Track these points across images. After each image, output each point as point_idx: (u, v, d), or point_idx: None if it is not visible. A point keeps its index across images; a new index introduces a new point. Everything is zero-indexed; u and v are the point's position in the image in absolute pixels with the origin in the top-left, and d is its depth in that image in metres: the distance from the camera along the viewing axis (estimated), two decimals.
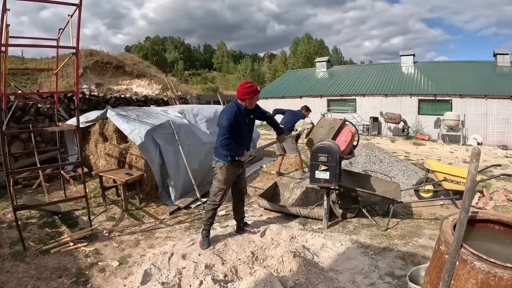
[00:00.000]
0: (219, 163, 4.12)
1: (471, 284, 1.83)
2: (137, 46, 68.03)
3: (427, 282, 2.20)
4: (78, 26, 4.29)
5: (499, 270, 1.75)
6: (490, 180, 6.59)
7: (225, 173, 4.12)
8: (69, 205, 5.70)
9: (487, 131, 16.20)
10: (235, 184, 4.44)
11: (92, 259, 3.87)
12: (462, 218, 1.88)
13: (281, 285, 2.82)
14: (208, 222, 4.23)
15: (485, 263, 1.79)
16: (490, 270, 1.76)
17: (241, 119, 4.05)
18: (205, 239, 4.16)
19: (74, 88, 4.64)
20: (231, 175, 4.18)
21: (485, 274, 1.78)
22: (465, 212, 1.88)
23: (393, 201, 4.83)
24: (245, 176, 4.74)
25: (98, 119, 6.64)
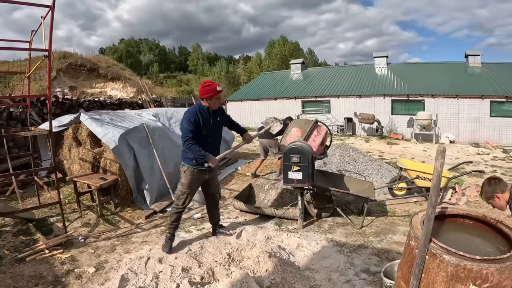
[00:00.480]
0: (184, 166, 4.09)
1: (441, 277, 1.90)
2: (112, 48, 66.87)
3: (399, 277, 2.27)
4: (50, 28, 4.20)
5: (468, 263, 1.82)
6: (462, 177, 6.84)
7: (189, 177, 4.07)
8: (44, 211, 5.57)
9: (459, 130, 16.79)
10: (206, 189, 4.43)
11: (68, 266, 3.80)
12: (429, 214, 1.96)
13: (257, 285, 2.85)
14: (172, 225, 4.20)
15: (454, 256, 1.86)
16: (459, 262, 1.83)
17: (205, 120, 3.98)
18: (168, 242, 4.13)
19: (47, 91, 4.54)
20: (195, 180, 4.12)
21: (454, 267, 1.85)
22: (432, 207, 1.96)
23: (366, 199, 4.95)
24: (217, 181, 4.67)
25: (72, 123, 6.52)
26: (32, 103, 9.21)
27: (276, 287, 3.01)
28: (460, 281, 1.85)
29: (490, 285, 1.82)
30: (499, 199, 2.82)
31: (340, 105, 19.78)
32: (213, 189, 4.48)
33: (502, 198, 2.80)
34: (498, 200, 2.83)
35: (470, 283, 1.83)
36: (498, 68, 19.35)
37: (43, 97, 8.63)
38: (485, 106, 16.35)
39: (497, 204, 2.87)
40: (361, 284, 3.36)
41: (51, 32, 4.23)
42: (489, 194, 2.88)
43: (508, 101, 16.02)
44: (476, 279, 1.82)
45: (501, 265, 1.80)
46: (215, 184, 4.53)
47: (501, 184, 2.84)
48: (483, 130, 16.42)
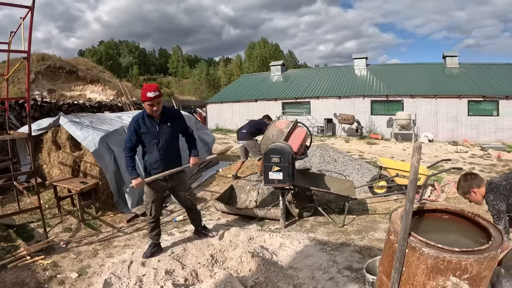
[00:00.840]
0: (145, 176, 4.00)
1: (421, 269, 1.97)
2: (91, 50, 65.91)
3: (381, 272, 2.34)
4: (30, 29, 4.14)
5: (447, 255, 1.89)
6: (441, 174, 7.02)
7: (147, 186, 3.95)
8: (24, 217, 5.47)
9: (438, 129, 17.19)
10: (175, 196, 4.37)
11: (51, 272, 3.75)
12: (407, 208, 2.03)
13: (241, 285, 2.89)
14: (150, 236, 4.13)
15: (433, 249, 1.93)
16: (438, 255, 1.90)
17: (149, 126, 3.80)
18: (148, 248, 4.07)
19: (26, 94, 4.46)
20: (153, 189, 3.97)
21: (434, 259, 1.92)
22: (410, 202, 2.04)
23: (347, 198, 5.04)
24: (185, 187, 4.35)
25: (51, 126, 6.42)
26: (10, 106, 9.00)
27: (260, 286, 3.04)
28: (440, 273, 1.92)
29: (470, 276, 1.89)
30: (475, 193, 2.91)
31: (320, 106, 19.95)
32: (183, 196, 4.30)
33: (479, 193, 2.89)
34: (474, 194, 2.92)
35: (450, 275, 1.90)
36: (475, 69, 19.93)
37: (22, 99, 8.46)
38: (462, 105, 16.81)
39: (473, 199, 2.97)
40: (344, 281, 3.43)
41: (30, 33, 4.17)
42: (465, 189, 2.97)
43: (485, 100, 16.52)
44: (456, 270, 1.89)
45: (479, 256, 1.88)
46: (183, 191, 4.29)
47: (477, 179, 2.93)
48: (461, 129, 16.87)
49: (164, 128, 3.87)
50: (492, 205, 2.76)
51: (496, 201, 2.74)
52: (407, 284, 2.06)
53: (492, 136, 16.39)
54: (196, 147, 4.27)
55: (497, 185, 2.84)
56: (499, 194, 2.77)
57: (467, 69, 20.03)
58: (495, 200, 2.75)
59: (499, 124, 16.35)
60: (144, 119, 3.81)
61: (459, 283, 1.90)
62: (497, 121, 16.40)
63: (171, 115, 3.98)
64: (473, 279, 1.91)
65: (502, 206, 2.71)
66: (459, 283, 1.90)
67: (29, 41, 4.20)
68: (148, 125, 3.81)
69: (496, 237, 2.08)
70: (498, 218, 2.69)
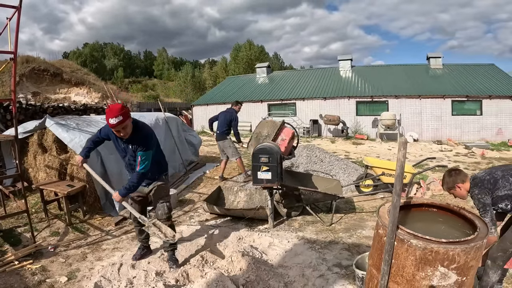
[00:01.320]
0: None
1: (410, 261, 2.04)
2: (75, 52, 65.08)
3: (370, 265, 2.42)
4: (16, 30, 4.10)
5: (434, 246, 1.96)
6: (427, 172, 7.17)
7: None
8: (10, 222, 5.38)
9: (422, 128, 17.55)
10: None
11: (40, 276, 3.71)
12: (395, 202, 2.10)
13: (232, 284, 2.92)
14: (139, 239, 4.09)
15: (421, 240, 2.01)
16: (426, 246, 1.98)
17: (117, 141, 3.64)
18: (138, 250, 4.06)
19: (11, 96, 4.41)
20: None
21: (422, 250, 1.99)
22: (397, 196, 2.10)
23: (334, 196, 5.12)
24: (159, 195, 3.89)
25: (37, 129, 6.34)
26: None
27: (251, 284, 3.08)
28: (428, 263, 1.99)
29: (457, 266, 1.97)
30: (460, 188, 2.99)
31: (306, 108, 20.13)
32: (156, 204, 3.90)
33: (463, 188, 2.97)
34: (459, 189, 3.00)
35: (438, 265, 1.97)
36: (458, 69, 20.41)
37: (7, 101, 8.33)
38: (446, 105, 17.21)
39: (458, 194, 3.04)
40: (334, 278, 3.50)
41: (17, 34, 4.14)
42: (450, 184, 3.04)
43: (468, 100, 16.95)
44: (444, 261, 1.96)
45: (466, 246, 1.95)
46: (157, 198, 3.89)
47: (461, 175, 3.01)
48: (445, 128, 17.26)
49: (128, 148, 3.63)
50: (478, 199, 2.83)
51: (481, 195, 2.81)
52: (397, 275, 2.12)
53: (476, 135, 16.79)
54: (126, 188, 3.56)
55: (481, 179, 2.92)
56: (484, 188, 2.84)
57: (450, 70, 20.47)
58: (480, 194, 2.82)
59: (482, 123, 16.78)
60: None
61: (447, 273, 1.97)
62: (480, 120, 16.83)
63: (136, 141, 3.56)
64: (461, 269, 1.98)
65: (487, 200, 2.79)
66: (447, 273, 1.97)
67: (15, 42, 4.16)
68: (117, 140, 3.62)
69: (482, 228, 2.17)
70: (484, 211, 2.76)
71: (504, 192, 2.78)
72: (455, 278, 1.99)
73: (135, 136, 3.54)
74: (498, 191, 2.80)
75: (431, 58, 21.80)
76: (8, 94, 14.15)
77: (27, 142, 6.64)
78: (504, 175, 2.85)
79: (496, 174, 2.88)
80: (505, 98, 16.45)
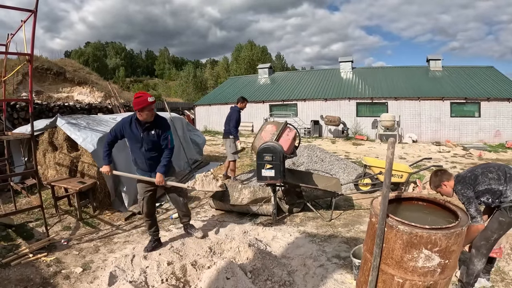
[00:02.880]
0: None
1: (398, 244, 2.36)
2: (78, 51, 65.22)
3: (365, 251, 2.73)
4: (33, 33, 4.31)
5: (419, 231, 2.28)
6: (423, 172, 7.41)
7: (138, 185, 4.28)
8: (21, 217, 5.58)
9: (421, 130, 17.78)
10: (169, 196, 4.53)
11: (55, 268, 3.89)
12: (385, 193, 2.40)
13: (241, 271, 3.14)
14: (149, 232, 4.34)
15: (407, 226, 2.33)
16: (411, 231, 2.30)
17: (133, 132, 3.94)
18: (149, 243, 4.28)
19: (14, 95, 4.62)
20: (140, 186, 4.24)
21: (408, 235, 2.30)
22: (386, 187, 2.41)
23: (334, 193, 5.37)
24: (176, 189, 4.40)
25: (47, 127, 6.57)
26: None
27: (257, 272, 3.32)
28: (414, 247, 2.31)
29: (439, 249, 2.27)
30: (446, 186, 3.26)
31: (307, 108, 20.38)
32: (172, 195, 4.42)
33: (449, 185, 3.24)
34: (445, 187, 3.27)
35: (423, 248, 2.29)
36: (457, 71, 20.60)
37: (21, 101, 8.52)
38: (445, 107, 17.44)
39: (444, 191, 3.31)
40: (333, 268, 3.76)
41: (33, 36, 4.35)
42: (436, 183, 3.32)
43: (467, 102, 17.17)
44: (427, 244, 2.27)
45: (446, 232, 2.27)
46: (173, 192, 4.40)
47: (446, 174, 3.29)
48: (444, 130, 17.48)
49: (149, 136, 3.98)
50: (461, 193, 3.11)
51: (464, 190, 3.10)
52: (387, 258, 2.44)
53: (474, 136, 17.01)
54: (164, 165, 4.09)
55: (463, 176, 3.21)
56: (466, 184, 3.12)
57: (450, 72, 20.67)
58: (463, 189, 3.11)
59: (480, 125, 16.99)
60: (131, 123, 3.99)
61: (431, 255, 2.28)
62: (478, 122, 17.03)
63: (158, 124, 4.04)
64: (443, 252, 2.29)
65: (470, 193, 3.06)
66: (431, 255, 2.28)
67: (32, 44, 4.38)
68: (135, 129, 3.97)
69: (463, 217, 2.50)
70: (468, 203, 3.02)
71: (484, 187, 3.08)
72: (438, 260, 2.29)
73: (158, 121, 4.04)
74: (479, 186, 3.09)
75: (431, 60, 21.99)
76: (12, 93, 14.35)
77: (37, 140, 6.85)
78: (483, 171, 3.15)
79: (476, 171, 3.18)
80: (503, 101, 16.66)
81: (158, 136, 4.01)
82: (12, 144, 7.52)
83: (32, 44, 4.38)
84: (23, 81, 15.92)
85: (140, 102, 3.76)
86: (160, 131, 4.01)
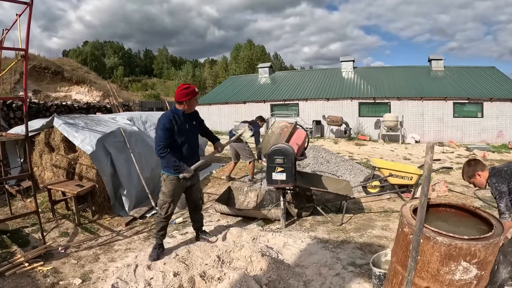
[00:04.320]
0: (164, 175, 4.00)
1: (436, 256, 2.15)
2: (76, 50, 64.86)
3: (394, 262, 2.50)
4: (28, 27, 4.05)
5: (458, 242, 2.08)
6: (432, 174, 7.18)
7: (169, 186, 3.97)
8: (17, 222, 5.30)
9: (424, 130, 17.61)
10: (189, 195, 4.33)
11: (52, 278, 3.64)
12: (422, 202, 2.20)
13: (256, 284, 2.90)
14: (157, 235, 4.12)
15: (446, 238, 2.12)
16: (451, 243, 2.09)
17: (180, 125, 3.89)
18: (154, 250, 4.04)
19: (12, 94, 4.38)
20: (176, 188, 4.02)
21: (447, 247, 2.10)
22: (424, 196, 2.20)
23: (346, 197, 5.13)
24: (199, 186, 4.56)
25: (44, 127, 6.31)
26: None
27: (273, 284, 3.08)
28: (452, 259, 2.11)
29: (478, 261, 2.09)
30: (480, 176, 3.18)
31: (309, 108, 20.17)
32: (195, 195, 4.37)
33: (483, 176, 3.16)
34: (479, 177, 3.19)
35: (461, 260, 2.10)
36: (460, 72, 20.50)
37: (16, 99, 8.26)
38: (448, 107, 17.27)
39: (478, 182, 3.23)
40: (350, 276, 3.53)
41: (28, 30, 4.09)
42: (470, 173, 3.23)
43: (470, 102, 17.02)
44: (466, 256, 2.09)
45: (486, 242, 2.08)
46: (197, 190, 4.42)
47: (480, 164, 3.22)
48: (447, 130, 17.31)
49: (191, 126, 4.08)
50: (495, 187, 3.01)
51: (498, 183, 3.00)
52: (422, 271, 2.24)
53: (476, 137, 16.86)
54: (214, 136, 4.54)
55: (499, 170, 3.11)
56: (501, 178, 3.03)
57: (452, 72, 20.55)
58: (497, 183, 3.01)
59: (483, 126, 16.84)
60: (176, 117, 3.89)
61: (469, 267, 2.10)
62: (481, 123, 16.89)
63: (194, 113, 4.19)
64: (481, 263, 2.11)
65: (503, 188, 2.97)
66: (469, 267, 2.10)
67: (27, 39, 4.12)
68: (181, 123, 3.91)
69: (497, 225, 2.29)
70: (500, 198, 2.94)
71: None
72: (475, 272, 2.12)
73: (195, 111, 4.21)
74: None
75: (433, 60, 21.86)
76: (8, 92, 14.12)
77: (33, 141, 6.59)
78: None
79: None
80: (506, 101, 16.52)
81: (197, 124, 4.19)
82: (8, 145, 7.26)
83: (27, 39, 4.12)
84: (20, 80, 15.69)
85: (189, 93, 3.86)
86: (196, 119, 4.20)
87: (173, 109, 3.95)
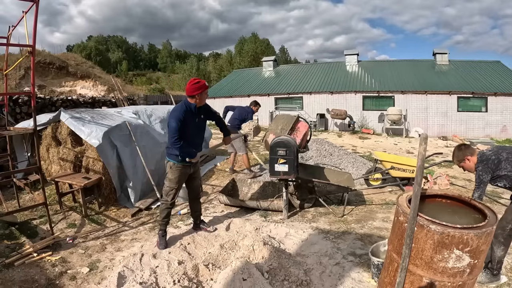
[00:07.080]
0: (170, 163, 4.15)
1: (429, 244, 2.23)
2: (80, 45, 64.95)
3: (390, 250, 2.59)
4: (34, 24, 4.12)
5: (451, 230, 2.16)
6: (433, 167, 7.26)
7: (175, 172, 4.14)
8: (25, 214, 5.40)
9: (428, 124, 17.59)
10: (190, 182, 4.48)
11: (60, 268, 3.74)
12: (416, 191, 2.26)
13: (257, 271, 3.00)
14: (163, 222, 4.23)
15: (439, 226, 2.20)
16: (443, 231, 2.17)
17: (191, 118, 4.04)
18: (162, 239, 4.16)
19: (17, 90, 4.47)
20: (182, 175, 4.20)
21: (440, 235, 2.18)
22: (418, 185, 2.26)
23: (347, 189, 5.21)
24: (199, 174, 4.78)
25: (50, 122, 6.42)
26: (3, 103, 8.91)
27: (274, 271, 3.16)
28: (445, 247, 2.19)
29: (470, 249, 2.17)
30: (469, 161, 3.30)
31: (313, 102, 20.19)
32: (196, 182, 4.55)
33: (472, 160, 3.28)
34: (468, 162, 3.31)
35: (454, 248, 2.17)
36: (464, 66, 20.38)
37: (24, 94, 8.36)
38: (452, 101, 17.23)
39: (467, 166, 3.35)
40: (349, 266, 3.62)
41: (35, 27, 4.16)
42: (460, 157, 3.36)
43: (474, 96, 16.96)
44: (459, 244, 2.16)
45: (478, 231, 2.15)
46: (198, 177, 4.62)
47: (470, 149, 3.34)
48: (451, 124, 17.29)
49: (201, 119, 4.24)
50: (479, 175, 3.15)
51: (483, 172, 3.14)
52: (416, 258, 2.32)
53: (481, 131, 16.83)
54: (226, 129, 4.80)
55: (487, 157, 3.20)
56: (487, 167, 3.15)
57: (456, 66, 20.46)
58: (482, 171, 3.15)
59: (487, 120, 16.81)
60: (188, 110, 4.02)
61: (461, 255, 2.17)
62: (485, 117, 16.86)
63: (204, 107, 4.30)
64: (473, 252, 2.19)
65: (486, 178, 3.12)
66: (461, 256, 2.17)
67: (34, 35, 4.19)
68: (192, 115, 4.07)
69: (491, 216, 2.36)
70: (478, 187, 3.11)
71: (504, 172, 3.11)
72: (468, 260, 2.20)
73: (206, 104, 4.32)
74: (499, 171, 3.12)
75: (437, 54, 21.74)
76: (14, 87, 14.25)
77: (40, 135, 6.69)
78: (508, 157, 3.14)
79: (501, 156, 3.17)
80: (510, 96, 16.45)
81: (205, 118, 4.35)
82: (15, 139, 7.38)
83: (34, 35, 4.20)
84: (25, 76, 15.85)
85: (200, 87, 3.98)
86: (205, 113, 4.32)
87: (186, 102, 4.07)
